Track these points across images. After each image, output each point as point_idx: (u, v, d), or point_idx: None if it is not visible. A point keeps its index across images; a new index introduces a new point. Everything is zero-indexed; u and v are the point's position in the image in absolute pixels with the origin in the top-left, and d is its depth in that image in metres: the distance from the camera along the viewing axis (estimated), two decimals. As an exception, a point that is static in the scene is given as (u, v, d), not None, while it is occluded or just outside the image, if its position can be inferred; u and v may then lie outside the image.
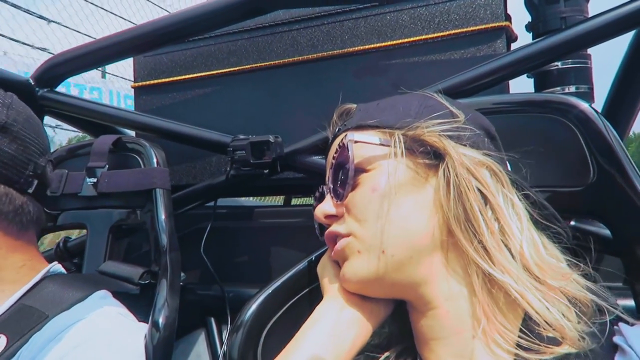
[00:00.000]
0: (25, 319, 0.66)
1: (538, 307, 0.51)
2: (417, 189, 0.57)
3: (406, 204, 0.57)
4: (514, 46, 1.01)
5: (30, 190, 0.73)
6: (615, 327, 0.53)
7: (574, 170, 0.72)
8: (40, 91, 1.21)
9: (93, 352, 0.63)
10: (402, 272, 0.57)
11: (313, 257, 0.75)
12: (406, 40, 1.00)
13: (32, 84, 1.22)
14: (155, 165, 0.96)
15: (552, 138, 0.72)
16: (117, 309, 0.73)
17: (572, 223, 0.78)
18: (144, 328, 0.74)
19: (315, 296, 0.73)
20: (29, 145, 0.73)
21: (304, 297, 0.74)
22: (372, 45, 1.02)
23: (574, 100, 0.72)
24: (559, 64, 0.95)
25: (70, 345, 0.63)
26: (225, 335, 1.05)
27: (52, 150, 0.91)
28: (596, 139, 0.69)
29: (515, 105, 0.75)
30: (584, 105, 0.71)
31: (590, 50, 0.96)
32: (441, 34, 0.97)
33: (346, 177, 0.59)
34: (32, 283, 0.71)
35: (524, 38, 0.99)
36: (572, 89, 0.94)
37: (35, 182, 0.74)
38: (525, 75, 1.00)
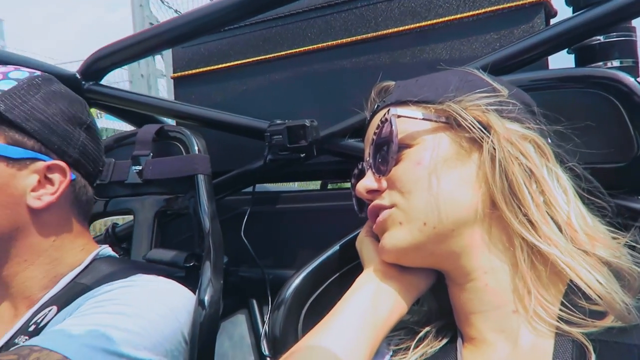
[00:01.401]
0: (76, 293, 0.71)
1: (587, 278, 0.50)
2: (461, 163, 0.57)
3: (450, 177, 0.57)
4: (553, 22, 0.98)
5: (95, 184, 0.82)
6: None
7: (617, 146, 0.70)
8: (86, 84, 1.27)
9: (137, 290, 0.68)
10: (442, 244, 0.57)
11: (351, 237, 0.77)
12: (441, 20, 0.98)
13: (79, 77, 1.27)
14: (197, 152, 1.00)
15: (595, 113, 0.71)
16: (163, 279, 0.77)
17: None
18: (189, 297, 0.77)
19: (353, 275, 0.75)
20: (100, 143, 0.83)
21: (342, 275, 0.75)
22: (407, 27, 1.01)
23: (617, 73, 0.70)
24: (601, 38, 0.91)
25: (109, 291, 0.68)
26: (266, 315, 1.08)
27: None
28: (641, 113, 0.67)
29: (555, 81, 0.73)
30: (628, 78, 0.69)
31: (635, 22, 0.92)
32: (477, 11, 0.95)
33: (389, 151, 0.60)
34: (85, 264, 0.76)
35: (563, 14, 0.96)
36: (616, 63, 0.91)
37: (99, 175, 0.83)
38: (565, 51, 0.97)
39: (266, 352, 1.08)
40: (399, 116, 0.60)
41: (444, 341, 0.63)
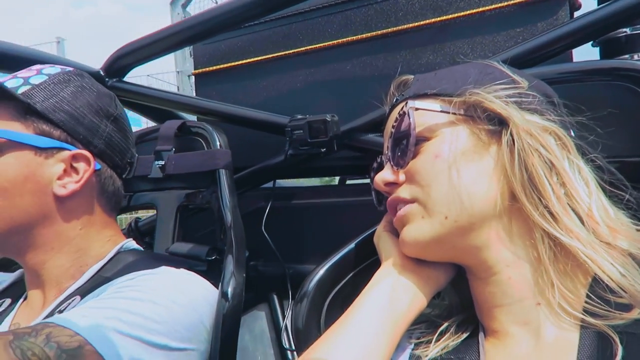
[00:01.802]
0: (100, 285, 0.73)
1: (610, 270, 0.49)
2: (480, 155, 0.57)
3: (469, 170, 0.57)
4: (577, 15, 0.97)
5: (124, 176, 0.85)
6: None
7: None
8: (109, 81, 1.29)
9: (154, 279, 0.69)
10: (464, 237, 0.57)
11: (373, 231, 0.77)
12: (463, 13, 0.98)
13: (102, 74, 1.29)
14: (219, 147, 1.01)
15: (621, 106, 0.69)
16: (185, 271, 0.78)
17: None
18: (210, 289, 0.78)
19: (375, 268, 0.75)
20: (129, 136, 0.86)
21: (365, 268, 0.76)
22: (427, 21, 1.01)
23: (644, 65, 0.69)
24: (627, 30, 0.90)
25: (132, 277, 0.69)
26: (287, 309, 1.09)
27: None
28: (669, 105, 0.66)
29: (581, 73, 0.72)
30: (655, 70, 0.68)
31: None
32: (500, 4, 0.94)
33: (407, 144, 0.60)
34: (110, 256, 0.78)
35: (588, 7, 0.95)
36: (643, 56, 0.89)
37: (128, 168, 0.85)
38: (590, 44, 0.96)
39: (286, 345, 1.09)
40: (416, 109, 0.60)
41: (466, 334, 0.62)
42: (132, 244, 0.84)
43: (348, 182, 1.44)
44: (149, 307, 0.64)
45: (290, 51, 1.17)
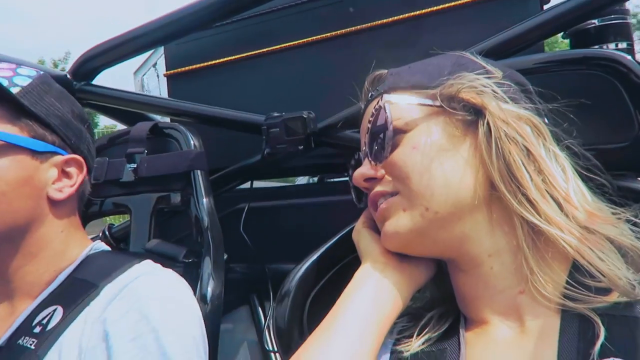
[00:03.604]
0: (79, 290, 0.70)
1: (588, 255, 0.50)
2: (458, 146, 0.57)
3: (447, 160, 0.56)
4: (546, 7, 0.98)
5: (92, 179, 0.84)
6: None
7: (618, 126, 0.70)
8: (77, 85, 1.25)
9: (153, 303, 0.68)
10: (445, 229, 0.57)
11: (351, 228, 0.76)
12: (435, 8, 0.98)
13: (69, 78, 1.26)
14: (193, 148, 0.99)
15: (594, 94, 0.70)
16: (163, 268, 0.76)
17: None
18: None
19: (355, 265, 0.74)
20: (94, 140, 0.85)
21: (344, 266, 0.75)
22: (403, 16, 1.00)
23: (616, 53, 0.70)
24: (596, 21, 0.91)
25: (133, 299, 0.67)
26: (268, 310, 1.07)
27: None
28: (640, 92, 0.67)
29: (554, 63, 0.73)
30: (626, 58, 0.69)
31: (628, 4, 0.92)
32: (471, -2, 0.95)
33: (385, 138, 0.59)
34: (81, 258, 0.76)
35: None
36: (612, 46, 0.90)
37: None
38: (560, 36, 0.97)
39: (269, 347, 1.07)
40: (392, 103, 0.60)
41: (446, 325, 0.62)
42: (101, 245, 0.83)
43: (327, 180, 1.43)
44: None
45: (265, 49, 1.15)
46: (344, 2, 1.07)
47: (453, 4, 0.97)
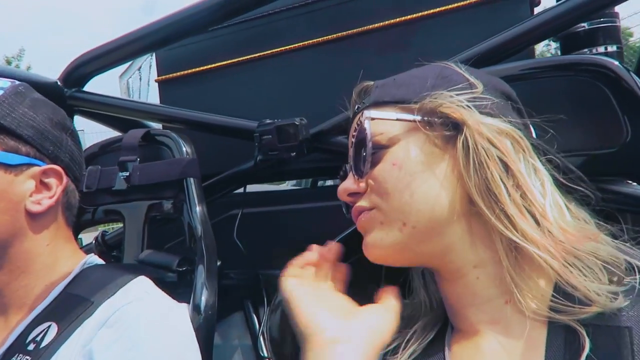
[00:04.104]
0: (73, 306, 0.69)
1: (562, 271, 0.51)
2: (437, 161, 0.57)
3: (427, 176, 0.57)
4: (537, 12, 0.98)
5: (81, 188, 0.82)
6: None
7: (606, 132, 0.70)
8: (68, 91, 1.25)
9: (145, 331, 0.66)
10: (424, 243, 0.57)
11: (345, 235, 0.76)
12: (426, 12, 0.98)
13: (60, 85, 1.25)
14: (185, 155, 0.98)
15: (583, 100, 0.71)
16: (158, 291, 0.75)
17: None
18: (186, 308, 0.76)
19: (350, 272, 0.74)
20: (81, 149, 0.83)
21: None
22: (394, 20, 1.00)
23: (604, 59, 0.71)
24: (585, 25, 0.92)
25: (123, 327, 0.66)
26: (262, 316, 1.07)
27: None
28: (628, 98, 0.68)
29: (543, 69, 0.73)
30: (614, 64, 0.70)
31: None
32: (463, 3, 0.95)
33: (366, 154, 0.60)
34: (75, 272, 0.75)
35: (547, 4, 0.97)
36: (601, 49, 0.91)
37: (82, 180, 0.82)
38: (551, 40, 0.98)
39: (264, 353, 1.07)
40: (372, 118, 0.61)
41: (432, 335, 0.62)
42: (95, 258, 0.82)
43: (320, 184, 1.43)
44: None
45: (257, 54, 1.15)
46: (336, 6, 1.07)
47: (443, 8, 0.97)
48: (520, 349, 0.54)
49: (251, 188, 1.28)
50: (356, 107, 0.68)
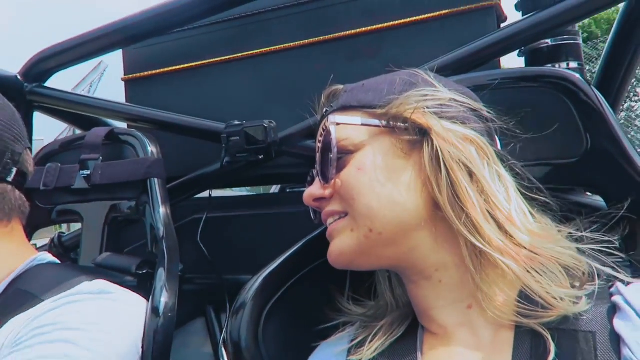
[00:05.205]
0: (19, 301, 0.66)
1: (524, 277, 0.51)
2: (403, 167, 0.57)
3: (392, 181, 0.57)
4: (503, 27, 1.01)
5: (9, 179, 0.73)
6: (612, 287, 0.53)
7: (568, 143, 0.72)
8: (28, 86, 1.20)
9: (79, 309, 0.63)
10: (389, 247, 0.57)
11: (311, 237, 0.75)
12: (397, 22, 0.99)
13: (20, 79, 1.20)
14: (150, 155, 0.96)
15: (546, 111, 0.73)
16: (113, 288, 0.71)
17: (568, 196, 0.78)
18: (142, 306, 0.73)
19: (314, 276, 0.74)
20: (4, 133, 0.73)
21: (303, 277, 0.74)
22: (364, 29, 1.01)
23: (567, 72, 0.73)
24: (549, 41, 0.95)
25: (61, 302, 0.63)
26: (224, 322, 1.05)
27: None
28: (588, 110, 0.70)
29: (509, 79, 0.75)
30: (576, 77, 0.72)
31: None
32: (432, 14, 0.97)
33: (331, 159, 0.60)
34: (21, 270, 0.71)
35: (513, 19, 1.00)
36: (563, 65, 0.95)
37: (14, 169, 0.74)
38: (516, 54, 1.00)
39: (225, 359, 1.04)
40: (338, 123, 0.61)
41: (400, 331, 0.62)
42: (47, 256, 0.77)
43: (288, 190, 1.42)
44: (82, 346, 0.59)
45: (227, 57, 1.14)
46: (308, 13, 1.07)
47: (414, 18, 0.98)
48: (488, 351, 0.54)
49: (217, 193, 1.26)
50: (324, 110, 0.67)
